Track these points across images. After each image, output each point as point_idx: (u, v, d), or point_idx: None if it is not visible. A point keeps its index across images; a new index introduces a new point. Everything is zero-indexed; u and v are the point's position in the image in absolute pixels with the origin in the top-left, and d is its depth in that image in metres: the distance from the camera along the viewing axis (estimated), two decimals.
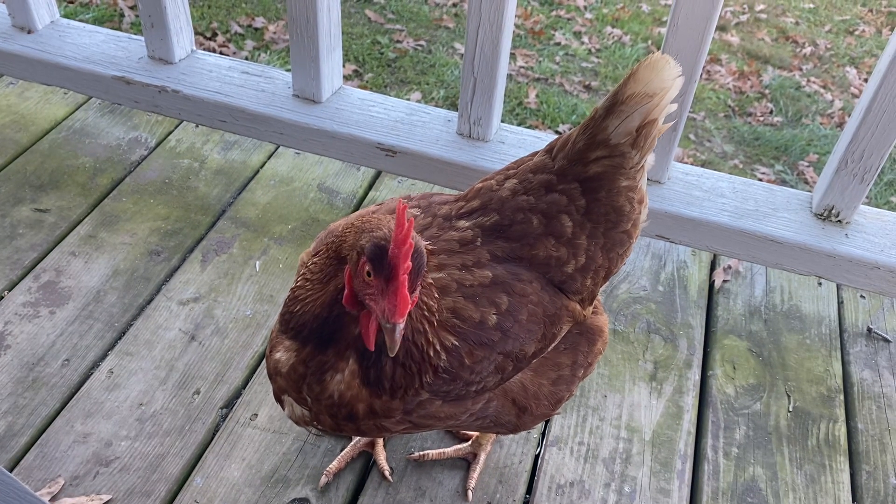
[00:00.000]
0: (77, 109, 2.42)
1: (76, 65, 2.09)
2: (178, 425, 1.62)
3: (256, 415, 1.65)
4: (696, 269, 2.09)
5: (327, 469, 1.55)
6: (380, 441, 1.60)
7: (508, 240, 1.24)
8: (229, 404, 1.67)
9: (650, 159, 1.25)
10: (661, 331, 1.91)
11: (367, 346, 1.05)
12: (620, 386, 1.78)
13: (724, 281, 2.05)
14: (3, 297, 1.84)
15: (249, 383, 1.71)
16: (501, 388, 1.27)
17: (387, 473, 1.57)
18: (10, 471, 1.53)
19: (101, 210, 2.09)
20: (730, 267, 2.08)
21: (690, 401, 1.77)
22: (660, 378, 1.81)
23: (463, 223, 1.25)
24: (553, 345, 1.30)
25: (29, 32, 2.17)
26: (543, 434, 1.67)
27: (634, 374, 1.81)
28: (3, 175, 2.16)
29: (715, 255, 2.13)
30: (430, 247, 1.20)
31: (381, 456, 1.59)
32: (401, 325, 0.97)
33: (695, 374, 1.82)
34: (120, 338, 1.78)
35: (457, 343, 1.15)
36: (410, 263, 0.95)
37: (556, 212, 1.23)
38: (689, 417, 1.73)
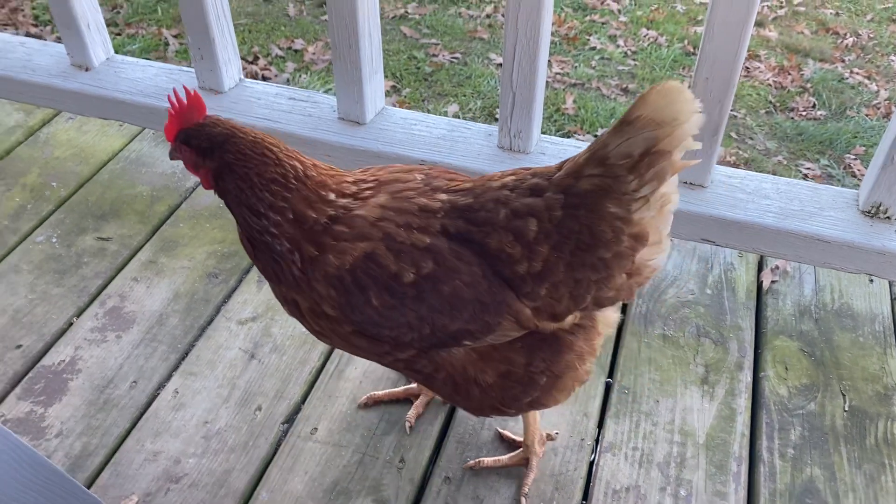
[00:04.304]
0: (132, 140, 2.52)
1: (131, 99, 2.18)
2: (242, 441, 1.69)
3: (316, 429, 1.71)
4: (744, 271, 2.09)
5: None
6: (424, 397, 1.74)
7: (469, 222, 1.26)
8: (290, 419, 1.73)
9: (665, 196, 1.18)
10: (711, 334, 1.92)
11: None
12: (672, 390, 1.79)
13: (773, 281, 2.05)
14: (72, 324, 1.94)
15: (308, 398, 1.77)
16: (446, 360, 1.33)
17: (407, 425, 1.70)
18: (88, 489, 1.61)
19: (159, 236, 2.18)
20: (777, 267, 2.07)
21: (743, 403, 1.77)
22: (711, 381, 1.81)
23: (442, 196, 1.29)
24: (492, 335, 1.30)
25: (86, 70, 2.28)
26: (597, 440, 1.70)
27: (686, 377, 1.82)
28: (67, 206, 2.27)
29: (762, 256, 2.12)
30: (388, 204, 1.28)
31: (413, 409, 1.73)
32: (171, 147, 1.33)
33: (746, 376, 1.83)
34: (183, 358, 1.86)
35: (347, 270, 1.24)
36: (174, 112, 1.31)
37: (527, 213, 1.23)
38: (743, 419, 1.74)
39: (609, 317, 1.39)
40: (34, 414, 1.73)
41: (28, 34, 4.25)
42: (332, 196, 1.28)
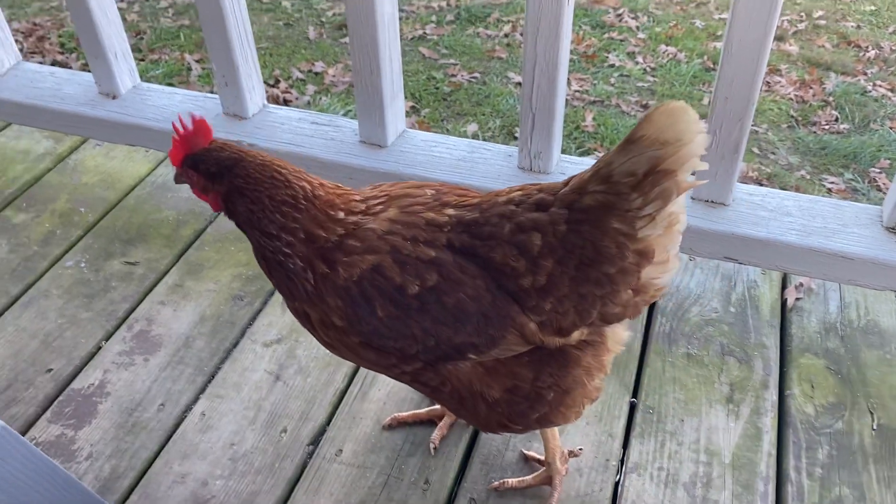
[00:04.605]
0: (158, 165, 2.57)
1: (158, 125, 2.23)
2: (268, 463, 1.70)
3: (341, 450, 1.72)
4: (767, 289, 2.07)
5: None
6: (448, 419, 1.73)
7: (473, 236, 1.27)
8: (315, 441, 1.75)
9: (672, 215, 1.19)
10: (736, 352, 1.91)
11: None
12: (697, 409, 1.78)
13: (797, 299, 2.04)
14: (101, 348, 1.97)
15: (333, 420, 1.78)
16: (452, 373, 1.33)
17: (432, 446, 1.70)
18: None
19: (185, 260, 2.22)
20: (801, 284, 2.06)
21: (769, 422, 1.76)
22: (736, 400, 1.80)
23: (449, 211, 1.31)
24: (497, 349, 1.30)
25: (114, 98, 2.33)
26: (622, 461, 1.69)
27: (710, 396, 1.81)
28: (96, 231, 2.32)
29: (785, 274, 2.11)
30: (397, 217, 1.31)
31: (437, 430, 1.72)
32: (176, 171, 1.38)
33: (772, 395, 1.81)
34: (210, 381, 1.88)
35: (355, 282, 1.26)
36: (180, 138, 1.32)
37: (531, 227, 1.24)
38: (769, 438, 1.72)
39: (619, 334, 1.39)
40: (64, 437, 1.76)
41: (54, 62, 4.36)
42: (341, 214, 1.31)
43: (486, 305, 1.25)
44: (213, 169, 1.31)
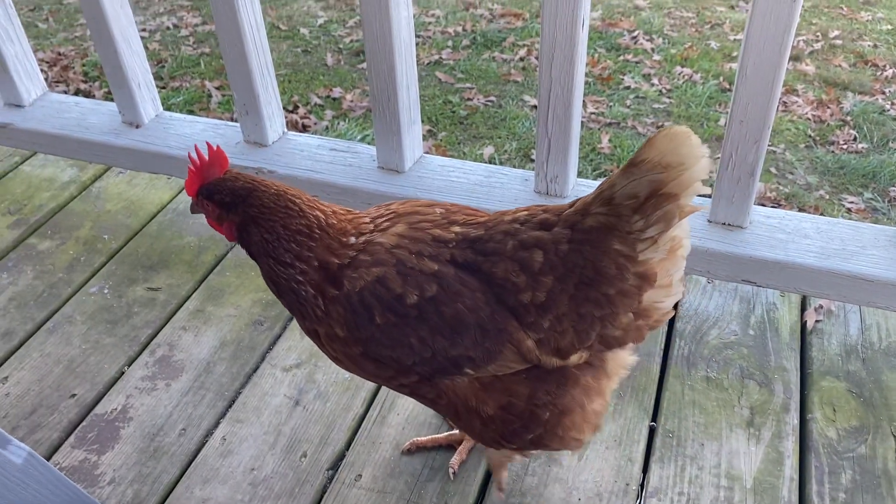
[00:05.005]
0: (180, 192, 2.61)
1: (180, 154, 2.27)
2: (288, 488, 1.71)
3: (361, 475, 1.72)
4: (787, 311, 2.06)
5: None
6: (468, 443, 1.73)
7: (477, 252, 1.29)
8: (334, 466, 1.75)
9: (675, 239, 1.21)
10: (755, 375, 1.90)
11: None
12: (717, 433, 1.77)
13: (817, 321, 2.02)
14: (124, 373, 2.00)
15: (352, 444, 1.79)
16: (449, 388, 1.34)
17: (451, 471, 1.70)
18: None
19: (206, 285, 2.25)
20: (821, 307, 2.05)
21: (791, 446, 1.74)
22: (757, 424, 1.79)
23: (456, 228, 1.33)
24: (494, 364, 1.31)
25: (137, 127, 2.38)
26: (642, 486, 1.68)
27: (731, 420, 1.80)
28: (119, 258, 2.36)
29: (805, 296, 2.10)
30: (405, 233, 1.34)
31: (456, 455, 1.72)
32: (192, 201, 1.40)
33: (793, 419, 1.80)
34: (230, 406, 1.90)
35: (359, 296, 1.28)
36: (195, 168, 1.36)
37: (534, 245, 1.26)
38: (791, 463, 1.71)
39: (621, 358, 1.39)
40: (88, 462, 1.78)
41: (78, 90, 4.45)
42: (352, 240, 1.34)
43: (483, 318, 1.27)
44: (228, 199, 1.33)
